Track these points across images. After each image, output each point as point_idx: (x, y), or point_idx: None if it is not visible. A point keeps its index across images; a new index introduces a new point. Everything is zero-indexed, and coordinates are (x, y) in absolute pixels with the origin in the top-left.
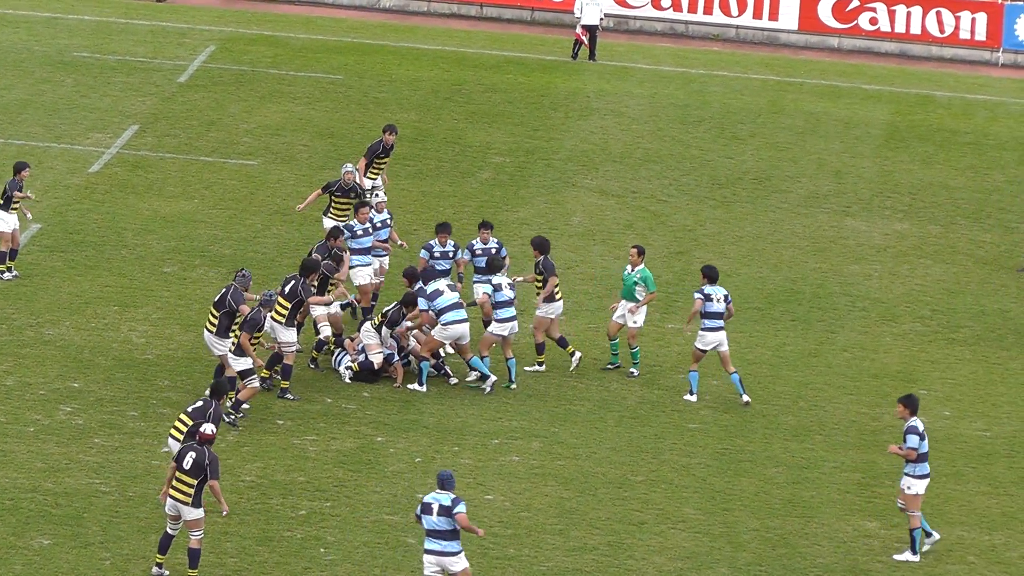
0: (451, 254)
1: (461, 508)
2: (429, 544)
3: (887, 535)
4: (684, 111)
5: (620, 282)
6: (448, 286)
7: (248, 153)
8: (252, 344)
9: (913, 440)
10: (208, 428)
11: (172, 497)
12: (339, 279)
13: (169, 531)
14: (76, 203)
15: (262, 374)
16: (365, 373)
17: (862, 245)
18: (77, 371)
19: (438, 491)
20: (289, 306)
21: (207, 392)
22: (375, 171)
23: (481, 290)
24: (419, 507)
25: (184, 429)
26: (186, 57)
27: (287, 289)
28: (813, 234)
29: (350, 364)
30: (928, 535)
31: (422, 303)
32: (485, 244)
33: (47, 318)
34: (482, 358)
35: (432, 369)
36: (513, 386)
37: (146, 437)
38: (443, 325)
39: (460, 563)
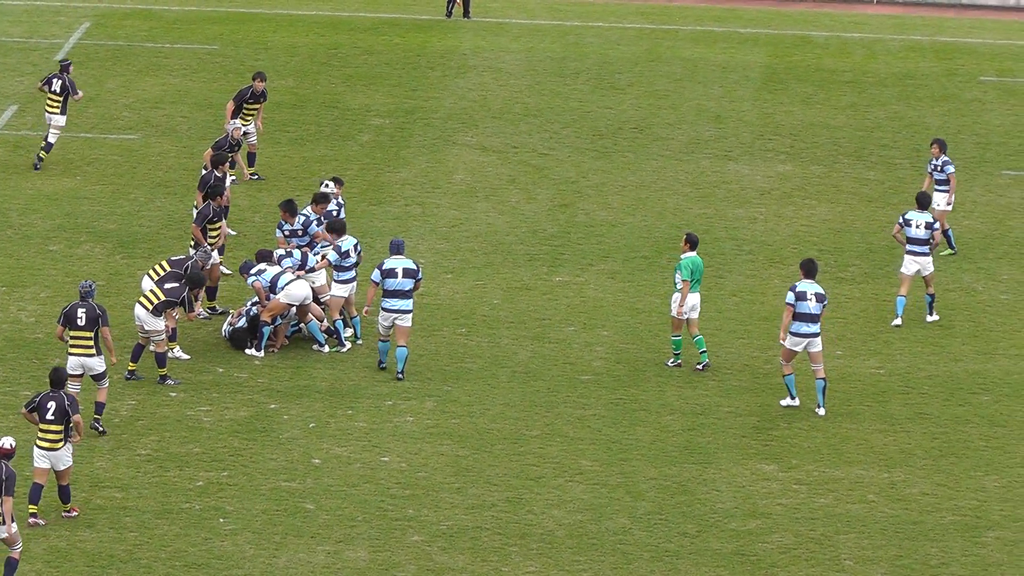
0: (300, 232)
1: (421, 274)
2: (390, 304)
3: (785, 477)
4: (561, 64)
5: (503, 237)
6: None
7: (128, 127)
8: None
9: (788, 296)
10: (6, 442)
11: None
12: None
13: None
14: None
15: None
16: (241, 333)
17: (746, 189)
18: None
19: (395, 256)
20: (163, 297)
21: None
22: (246, 116)
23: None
24: (376, 273)
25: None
26: (61, 35)
27: (167, 286)
28: (696, 180)
29: (228, 327)
30: (792, 397)
31: (251, 278)
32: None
33: None
34: (332, 322)
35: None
36: (359, 342)
37: None
38: (281, 289)
39: (410, 320)
